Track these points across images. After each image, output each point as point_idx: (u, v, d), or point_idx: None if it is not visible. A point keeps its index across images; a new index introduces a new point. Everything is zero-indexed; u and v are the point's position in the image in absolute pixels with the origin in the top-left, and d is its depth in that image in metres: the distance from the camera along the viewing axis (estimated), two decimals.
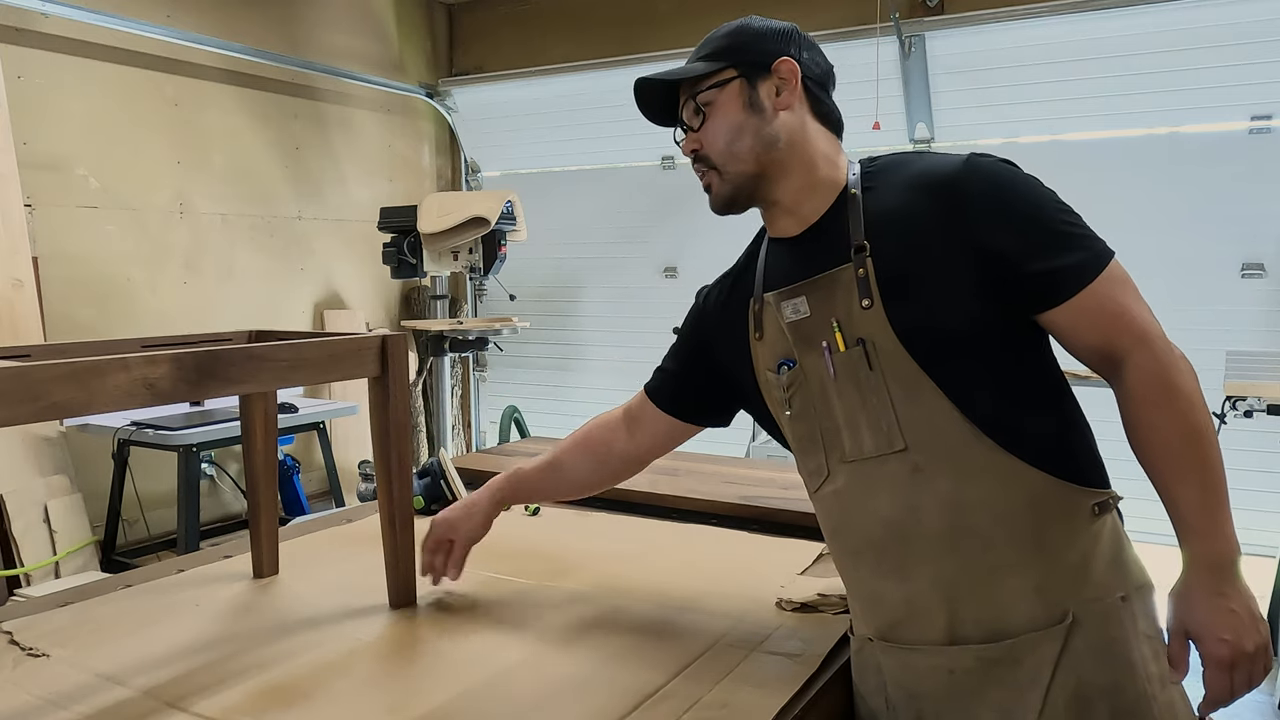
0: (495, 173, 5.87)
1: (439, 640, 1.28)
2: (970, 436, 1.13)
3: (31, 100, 3.75)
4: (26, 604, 1.42)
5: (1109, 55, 3.99)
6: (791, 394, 1.25)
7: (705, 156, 1.30)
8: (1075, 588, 1.13)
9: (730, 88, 1.28)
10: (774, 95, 1.26)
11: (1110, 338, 1.13)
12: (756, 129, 1.26)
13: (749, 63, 1.28)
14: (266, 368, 1.21)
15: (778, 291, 1.26)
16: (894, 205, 1.20)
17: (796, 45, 1.29)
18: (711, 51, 1.32)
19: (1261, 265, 3.87)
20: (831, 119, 1.32)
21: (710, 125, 1.29)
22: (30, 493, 3.51)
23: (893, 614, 1.18)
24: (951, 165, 1.20)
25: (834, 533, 1.26)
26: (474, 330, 4.31)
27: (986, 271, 1.13)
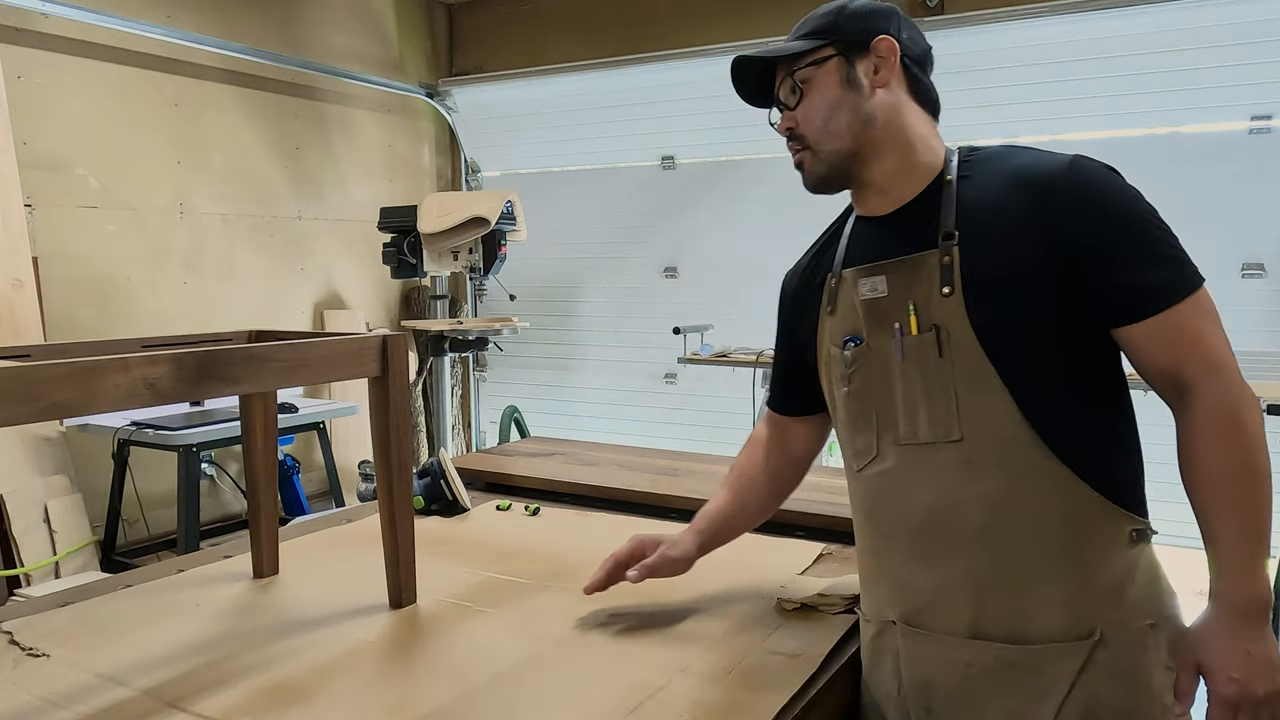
0: (495, 173, 5.87)
1: (439, 640, 1.28)
2: (1027, 438, 1.13)
3: (31, 100, 3.75)
4: (26, 604, 1.42)
5: (1109, 55, 3.99)
6: (853, 370, 1.25)
7: (800, 135, 1.29)
8: (1105, 607, 1.13)
9: (828, 65, 1.26)
10: (872, 73, 1.25)
11: (1181, 363, 1.10)
12: (854, 106, 1.25)
13: (848, 40, 1.26)
14: (266, 368, 1.21)
15: (858, 268, 1.27)
16: (989, 198, 1.19)
17: (896, 24, 1.29)
18: (810, 30, 1.29)
19: (1261, 265, 3.87)
20: (929, 100, 1.32)
21: (806, 103, 1.27)
22: (30, 493, 3.51)
23: (920, 600, 1.19)
24: (1054, 164, 1.18)
25: (871, 513, 1.26)
26: (474, 330, 4.31)
27: (1072, 276, 1.12)
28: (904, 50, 1.27)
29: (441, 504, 1.91)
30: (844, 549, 1.67)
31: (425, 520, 1.84)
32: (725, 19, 4.84)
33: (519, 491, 2.07)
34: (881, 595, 1.25)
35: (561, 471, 2.13)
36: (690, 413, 5.19)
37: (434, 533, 1.77)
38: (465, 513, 1.91)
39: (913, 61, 1.29)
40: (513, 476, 2.12)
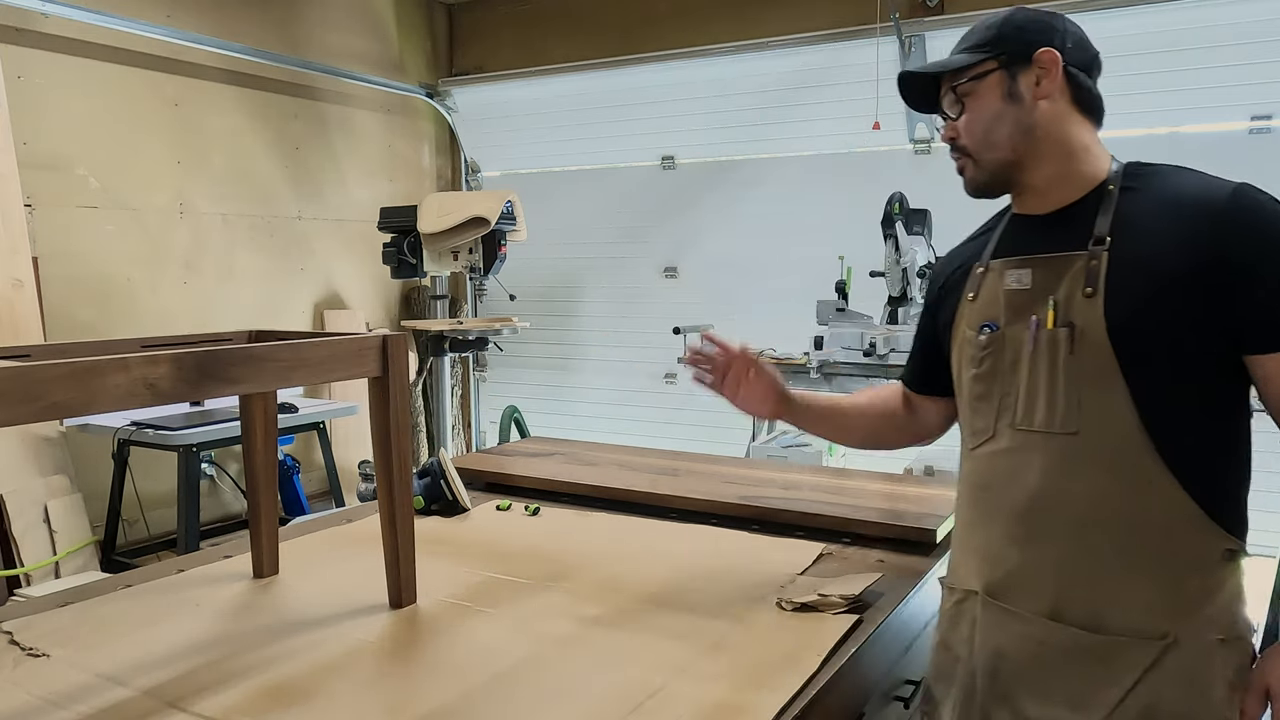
0: (495, 173, 5.87)
1: (439, 640, 1.28)
2: (1140, 443, 1.18)
3: (31, 100, 3.75)
4: (26, 604, 1.42)
5: (1109, 55, 3.93)
6: (985, 354, 1.32)
7: (962, 145, 1.34)
8: (1183, 615, 1.17)
9: (990, 79, 1.30)
10: (1034, 85, 1.28)
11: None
12: (1014, 118, 1.29)
13: (1010, 53, 1.29)
14: (266, 368, 1.21)
15: (1006, 259, 1.33)
16: (1148, 212, 1.23)
17: (1060, 34, 1.31)
18: (975, 42, 1.33)
19: None
20: (1093, 107, 1.34)
21: (968, 115, 1.32)
22: (30, 493, 3.51)
23: (1007, 577, 1.26)
24: (1219, 190, 1.20)
25: (977, 490, 1.33)
26: (474, 330, 4.31)
27: (1217, 297, 1.15)
28: (1067, 59, 1.29)
29: (441, 504, 1.91)
30: (844, 549, 1.67)
31: (425, 520, 1.84)
32: (725, 19, 4.84)
33: (519, 491, 2.07)
34: (970, 567, 1.33)
35: (561, 471, 2.13)
36: (690, 413, 5.18)
37: (434, 533, 1.77)
38: (465, 513, 1.91)
39: (1078, 69, 1.31)
40: (513, 476, 2.12)
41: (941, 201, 4.10)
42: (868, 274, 3.86)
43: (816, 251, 4.48)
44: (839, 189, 4.68)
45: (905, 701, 1.52)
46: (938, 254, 3.98)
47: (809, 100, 4.68)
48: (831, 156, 4.77)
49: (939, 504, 1.82)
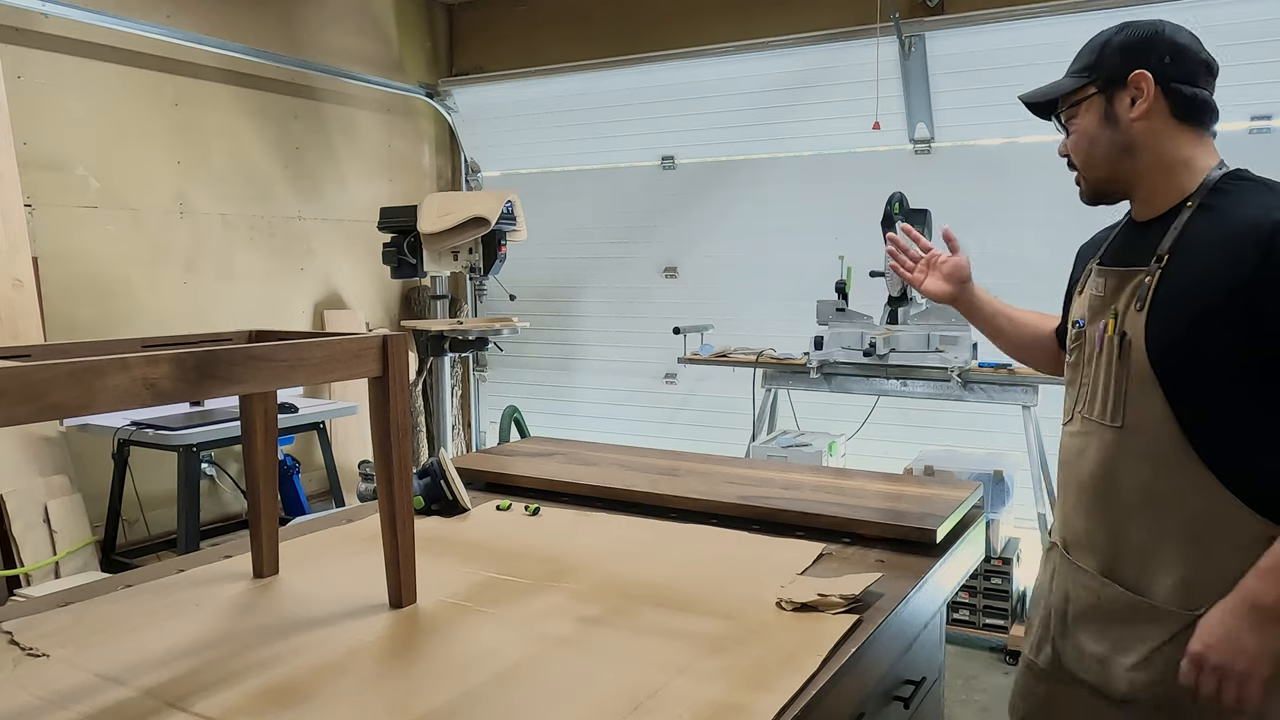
0: (495, 173, 5.87)
1: (439, 640, 1.28)
2: (1176, 440, 1.32)
3: (31, 100, 3.75)
4: (26, 604, 1.42)
5: None
6: (1073, 347, 1.54)
7: (1070, 160, 1.51)
8: (1218, 592, 1.28)
9: (1088, 104, 1.44)
10: (1129, 107, 1.40)
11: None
12: (1110, 140, 1.42)
13: (1106, 79, 1.42)
14: (266, 368, 1.21)
15: (1099, 267, 1.50)
16: (1209, 232, 1.34)
17: (1159, 52, 1.39)
18: (1079, 66, 1.46)
19: None
20: (1198, 116, 1.40)
21: (1074, 136, 1.48)
22: (30, 493, 3.51)
23: (1075, 537, 1.49)
24: (1267, 218, 1.27)
25: (1062, 462, 1.56)
26: (474, 330, 4.31)
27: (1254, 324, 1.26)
28: (1167, 76, 1.38)
29: (441, 504, 1.91)
30: (844, 549, 1.67)
31: (425, 520, 1.84)
32: (725, 19, 4.84)
33: (519, 491, 2.07)
34: (1057, 523, 1.58)
35: (561, 471, 2.13)
36: (690, 413, 5.19)
37: (434, 533, 1.77)
38: (465, 513, 1.91)
39: (1181, 83, 1.38)
40: (513, 476, 2.12)
41: (941, 201, 4.10)
42: (868, 274, 3.86)
43: (816, 251, 4.49)
44: (839, 189, 4.68)
45: (905, 701, 1.52)
46: None
47: (809, 100, 4.68)
48: (831, 156, 4.77)
49: (939, 504, 1.82)
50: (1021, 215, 4.28)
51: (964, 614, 3.69)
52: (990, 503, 3.63)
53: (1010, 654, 3.61)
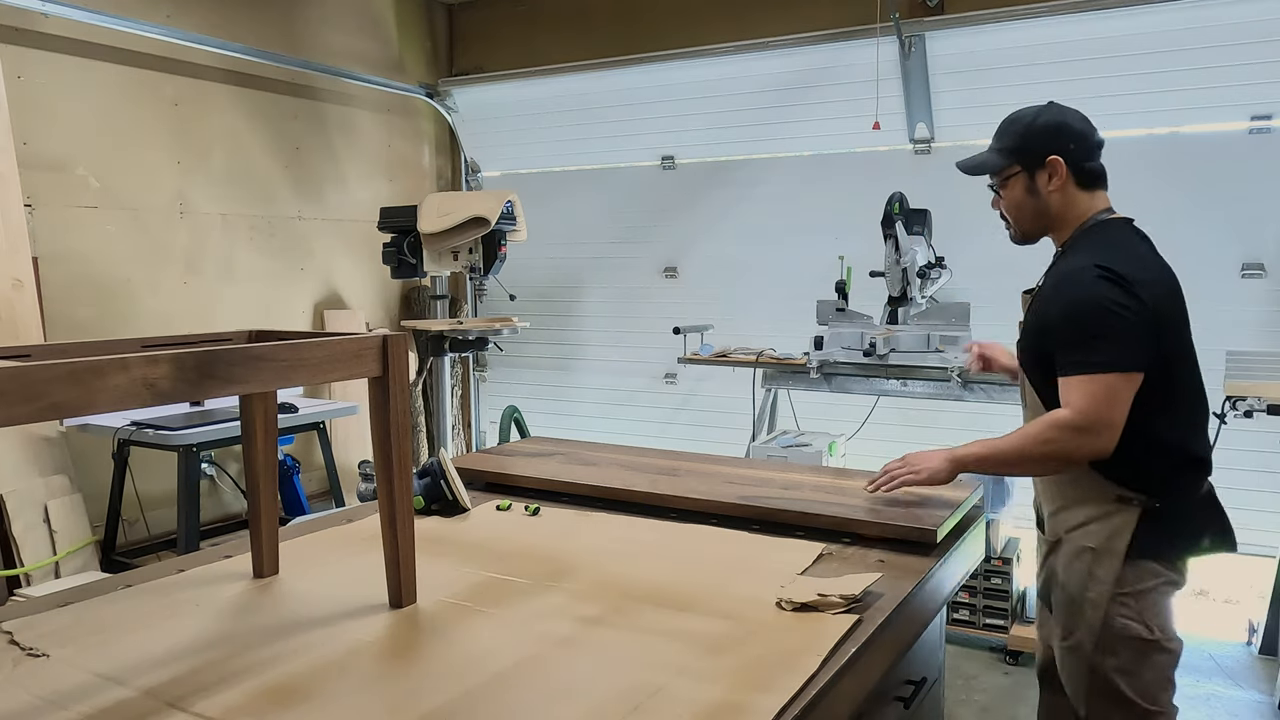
0: (495, 173, 5.87)
1: (439, 640, 1.28)
2: (1038, 410, 1.85)
3: (31, 100, 3.75)
4: (26, 604, 1.42)
5: (1109, 55, 3.98)
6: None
7: (1004, 216, 1.99)
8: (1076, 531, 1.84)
9: (1015, 180, 1.92)
10: (1047, 181, 1.88)
11: (1065, 400, 1.76)
12: (1034, 206, 1.92)
13: (1028, 161, 1.89)
14: (266, 368, 1.21)
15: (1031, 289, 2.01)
16: (1061, 270, 1.88)
17: (1066, 140, 1.88)
18: (1003, 146, 1.93)
19: (1261, 265, 3.87)
20: (1095, 182, 1.93)
21: (1006, 200, 1.96)
22: (30, 493, 3.51)
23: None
24: (1073, 269, 1.82)
25: None
26: (474, 330, 4.31)
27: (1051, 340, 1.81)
28: (1072, 158, 1.87)
29: (441, 504, 1.91)
30: (844, 549, 1.67)
31: (425, 520, 1.84)
32: (725, 19, 4.84)
33: (519, 491, 2.07)
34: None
35: (561, 471, 2.13)
36: (690, 413, 5.19)
37: (434, 533, 1.77)
38: (465, 513, 1.91)
39: (1081, 161, 1.89)
40: (513, 476, 2.12)
41: (941, 201, 4.10)
42: (868, 274, 3.85)
43: (816, 251, 4.48)
44: (839, 189, 4.68)
45: (905, 701, 1.52)
46: (937, 254, 3.98)
47: (809, 100, 4.68)
48: (831, 156, 4.77)
49: (939, 504, 1.82)
50: None
51: (964, 614, 3.69)
52: (990, 503, 3.63)
53: (1010, 654, 3.60)
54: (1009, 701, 3.31)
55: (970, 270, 4.19)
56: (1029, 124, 1.88)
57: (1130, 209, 4.28)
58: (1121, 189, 4.13)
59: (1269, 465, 3.82)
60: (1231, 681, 3.42)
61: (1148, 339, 1.75)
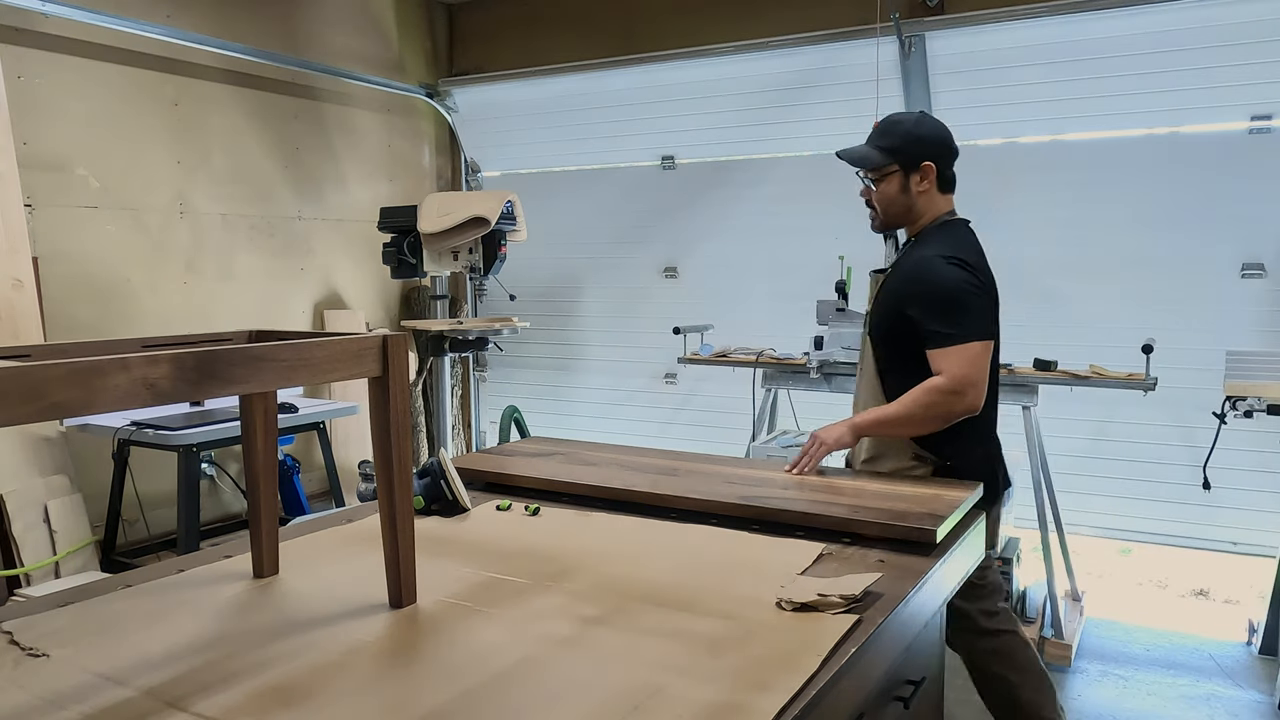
0: (495, 173, 5.87)
1: (439, 640, 1.28)
2: (876, 381, 2.29)
3: (31, 100, 3.75)
4: (26, 604, 1.42)
5: (1109, 55, 3.99)
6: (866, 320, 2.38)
7: (873, 206, 2.30)
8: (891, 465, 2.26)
9: (893, 177, 2.24)
10: (918, 183, 2.22)
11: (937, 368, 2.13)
12: (905, 204, 2.26)
13: (906, 163, 2.21)
14: (266, 368, 1.21)
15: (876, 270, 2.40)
16: (912, 258, 2.23)
17: (938, 149, 2.22)
18: (886, 145, 2.22)
19: (1261, 265, 3.87)
20: (950, 186, 2.29)
21: (879, 193, 2.27)
22: (30, 493, 3.51)
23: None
24: (928, 256, 2.18)
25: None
26: (474, 330, 4.31)
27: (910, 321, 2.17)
28: (940, 165, 2.23)
29: (441, 504, 1.91)
30: (844, 549, 1.67)
31: (425, 520, 1.84)
32: (725, 19, 4.84)
33: (519, 491, 2.07)
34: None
35: (561, 471, 2.13)
36: (690, 413, 5.19)
37: (434, 533, 1.77)
38: (465, 513, 1.92)
39: (946, 169, 2.25)
40: (513, 476, 2.12)
41: None
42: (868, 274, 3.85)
43: (816, 251, 4.48)
44: (839, 189, 4.66)
45: (905, 701, 1.52)
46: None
47: (809, 100, 4.68)
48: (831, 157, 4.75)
49: (939, 504, 1.82)
50: (1020, 215, 4.28)
51: None
52: None
53: None
54: None
55: None
56: (910, 130, 2.20)
57: (1131, 209, 4.30)
58: (1122, 189, 4.17)
59: (1269, 465, 3.82)
60: (1231, 681, 3.42)
61: (993, 313, 2.20)
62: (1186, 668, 3.54)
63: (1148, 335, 3.46)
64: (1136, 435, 4.08)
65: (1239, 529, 3.93)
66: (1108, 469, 4.16)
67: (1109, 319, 4.09)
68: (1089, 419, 4.16)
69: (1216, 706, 3.23)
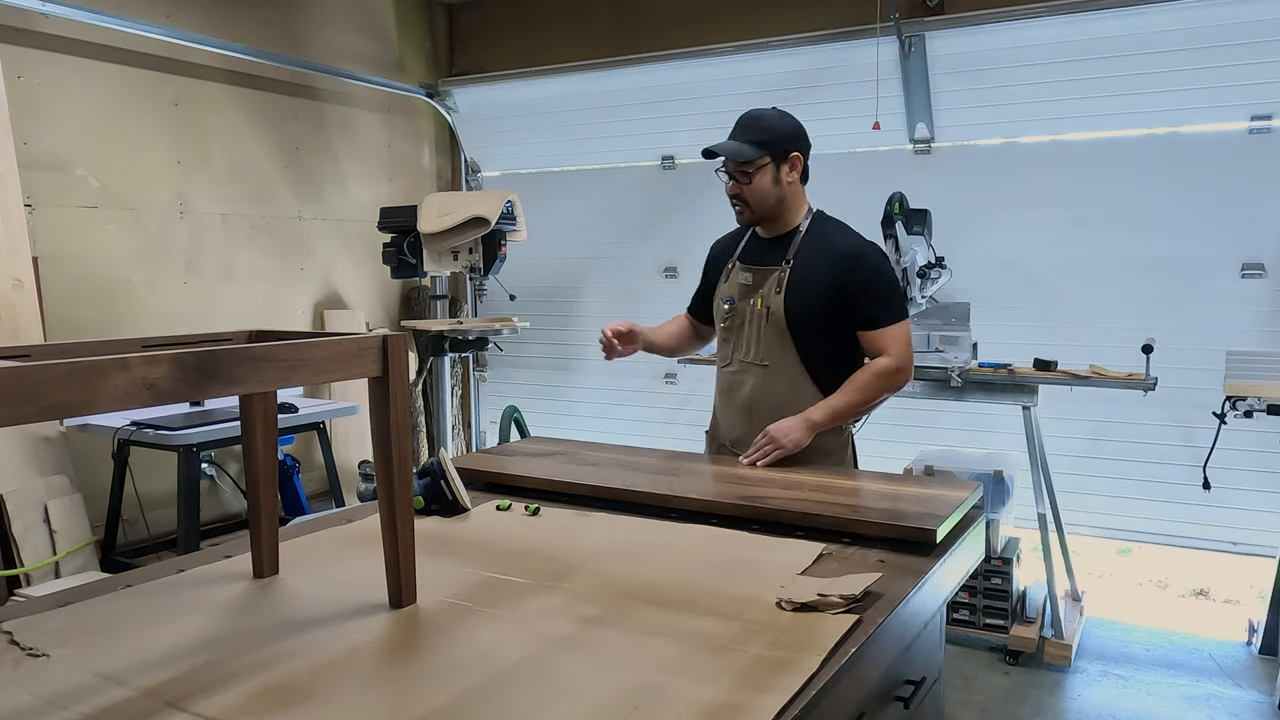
0: (495, 173, 5.86)
1: (439, 640, 1.28)
2: (800, 370, 2.32)
3: (31, 100, 3.75)
4: (26, 604, 1.42)
5: (1109, 55, 3.98)
6: (726, 318, 2.42)
7: (744, 200, 2.34)
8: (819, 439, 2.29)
9: (765, 169, 2.29)
10: (788, 173, 2.31)
11: (880, 348, 2.29)
12: (776, 194, 2.32)
13: (777, 154, 2.28)
14: (266, 368, 1.21)
15: (743, 265, 2.42)
16: (816, 248, 2.32)
17: (802, 142, 2.33)
18: (757, 139, 2.28)
19: (1261, 265, 3.87)
20: (807, 179, 2.38)
21: (751, 186, 2.31)
22: (30, 493, 3.51)
23: (739, 437, 2.38)
24: (855, 244, 2.32)
25: (723, 391, 2.46)
26: (474, 330, 4.31)
27: (846, 302, 2.27)
28: (804, 156, 2.34)
29: (441, 504, 1.91)
30: (844, 549, 1.67)
31: (425, 520, 1.84)
32: (725, 19, 4.84)
33: (519, 491, 2.07)
34: (722, 432, 2.46)
35: (561, 471, 2.13)
36: (690, 413, 5.18)
37: (434, 533, 1.77)
38: (465, 513, 1.92)
39: (807, 159, 2.34)
40: (513, 476, 2.12)
41: (941, 201, 4.10)
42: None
43: None
44: (839, 189, 4.66)
45: (905, 701, 1.52)
46: (937, 254, 3.98)
47: (809, 100, 4.67)
48: (831, 156, 4.76)
49: (939, 504, 1.82)
50: (1021, 215, 4.28)
51: (964, 614, 3.69)
52: (990, 503, 3.63)
53: (1010, 654, 3.61)
54: (1009, 701, 3.31)
55: (970, 270, 4.19)
56: (776, 123, 2.27)
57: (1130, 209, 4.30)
58: (1122, 189, 4.17)
59: (1269, 465, 3.82)
60: (1231, 681, 3.42)
61: None
62: (1186, 668, 3.54)
63: (1148, 335, 3.46)
64: (1136, 435, 4.08)
65: (1239, 529, 3.93)
66: (1108, 469, 4.16)
67: (1109, 319, 4.08)
68: (1089, 419, 4.16)
69: (1216, 706, 3.23)
